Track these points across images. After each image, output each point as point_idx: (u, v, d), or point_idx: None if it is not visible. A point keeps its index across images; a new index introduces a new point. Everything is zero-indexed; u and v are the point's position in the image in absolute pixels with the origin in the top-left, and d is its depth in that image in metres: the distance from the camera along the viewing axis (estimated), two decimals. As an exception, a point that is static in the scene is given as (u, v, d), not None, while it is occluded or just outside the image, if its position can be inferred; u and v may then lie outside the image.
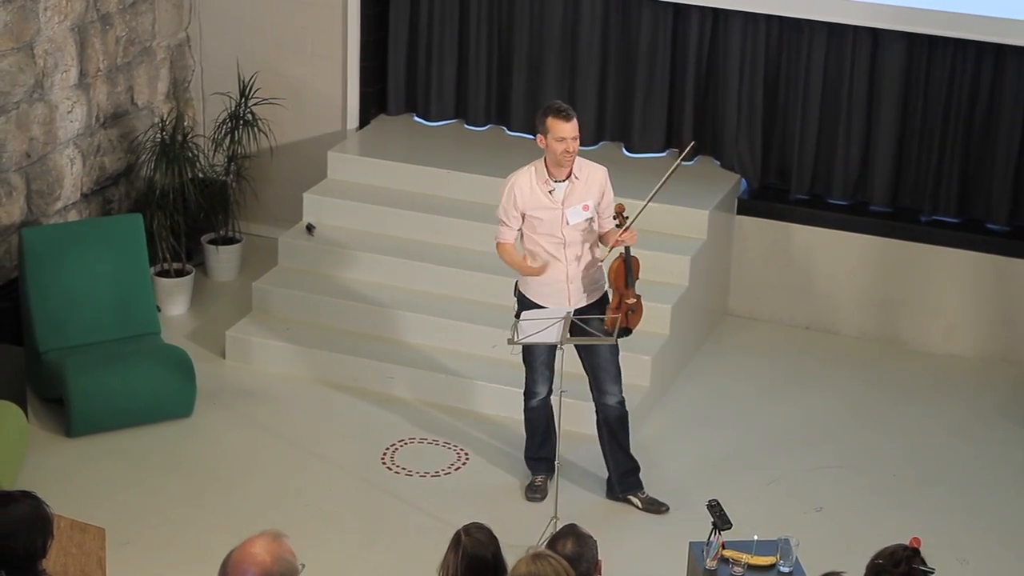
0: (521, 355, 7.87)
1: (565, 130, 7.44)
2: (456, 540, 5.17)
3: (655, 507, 7.98)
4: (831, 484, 8.29)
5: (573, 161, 7.53)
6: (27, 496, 4.82)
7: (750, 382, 9.28)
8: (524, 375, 7.93)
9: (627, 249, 7.63)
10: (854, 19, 9.40)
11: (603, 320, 7.51)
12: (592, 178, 7.64)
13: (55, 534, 4.86)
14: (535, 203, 7.58)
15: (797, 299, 9.87)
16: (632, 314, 7.66)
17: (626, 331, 7.71)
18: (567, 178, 7.58)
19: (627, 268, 7.64)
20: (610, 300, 7.72)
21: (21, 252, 8.71)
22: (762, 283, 9.91)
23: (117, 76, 9.88)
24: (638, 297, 7.71)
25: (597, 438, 8.02)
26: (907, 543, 5.25)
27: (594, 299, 7.71)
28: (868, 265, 9.70)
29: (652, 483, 8.18)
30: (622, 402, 7.90)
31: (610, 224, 7.69)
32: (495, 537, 5.19)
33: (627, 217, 7.56)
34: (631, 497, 8.01)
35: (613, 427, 7.93)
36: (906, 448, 8.67)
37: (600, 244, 7.70)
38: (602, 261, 7.74)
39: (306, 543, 7.51)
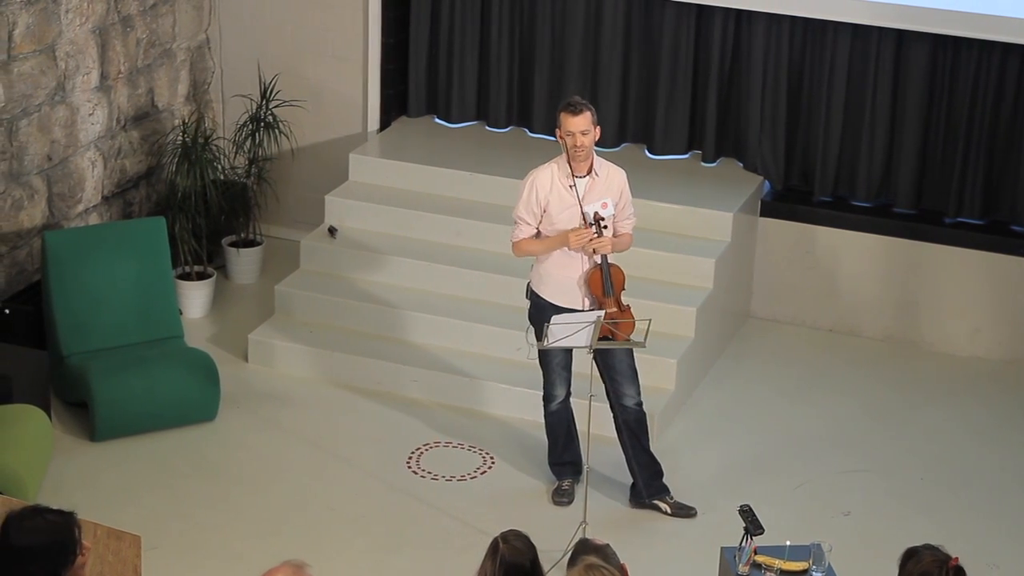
0: (537, 359, 7.84)
1: (571, 124, 7.44)
2: (494, 547, 5.13)
3: (684, 511, 7.95)
4: (858, 488, 8.26)
5: (586, 156, 7.51)
6: (51, 522, 4.57)
7: (774, 385, 9.25)
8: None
9: (604, 258, 7.56)
10: (878, 20, 9.36)
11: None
12: (612, 177, 7.64)
13: (91, 543, 4.79)
14: (556, 198, 7.57)
15: (820, 301, 9.83)
16: (616, 325, 7.49)
17: (607, 339, 7.50)
18: (588, 174, 7.56)
19: (603, 277, 7.56)
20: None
21: (44, 255, 8.69)
22: (785, 285, 9.88)
23: (138, 78, 9.86)
24: (624, 308, 7.58)
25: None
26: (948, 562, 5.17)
27: None
28: (892, 267, 9.66)
29: (678, 486, 8.15)
30: (640, 403, 7.86)
31: (624, 228, 7.66)
32: (533, 544, 5.17)
33: (604, 225, 7.48)
34: (658, 502, 7.98)
35: (633, 429, 7.89)
36: (932, 451, 8.63)
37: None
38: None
39: (332, 548, 7.55)
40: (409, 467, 8.30)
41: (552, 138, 10.22)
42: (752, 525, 6.44)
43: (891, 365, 9.52)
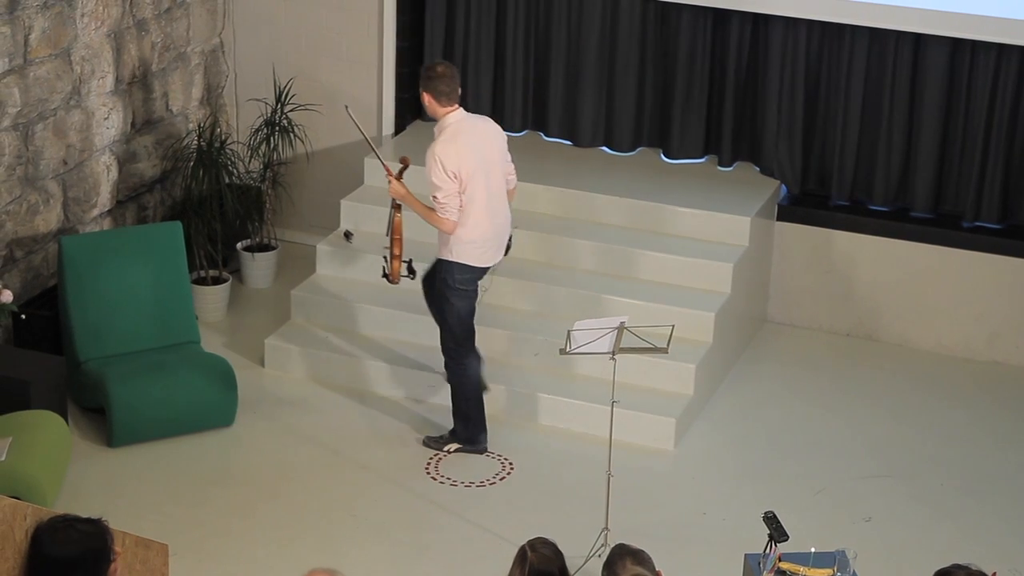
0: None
1: None
2: (522, 556, 5.10)
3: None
4: (878, 493, 8.23)
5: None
6: (86, 531, 4.59)
7: (792, 390, 9.22)
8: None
9: (392, 201, 8.30)
10: (896, 24, 9.33)
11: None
12: (430, 148, 8.00)
13: (120, 548, 4.78)
14: None
15: (838, 306, 9.80)
16: (388, 260, 8.36)
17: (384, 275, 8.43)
18: None
19: (388, 217, 8.33)
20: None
21: (60, 260, 8.66)
22: (802, 290, 9.85)
23: (152, 82, 9.83)
24: (395, 254, 8.30)
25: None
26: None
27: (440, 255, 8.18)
28: (909, 272, 9.63)
29: (698, 492, 8.17)
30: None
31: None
32: (560, 552, 5.14)
33: (400, 172, 8.20)
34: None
35: None
36: (952, 456, 8.60)
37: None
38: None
39: (352, 554, 7.53)
40: (428, 473, 8.28)
41: (568, 142, 10.28)
42: (777, 532, 6.41)
43: (909, 370, 9.49)
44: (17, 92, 8.73)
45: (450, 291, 8.10)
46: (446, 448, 8.42)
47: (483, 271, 8.14)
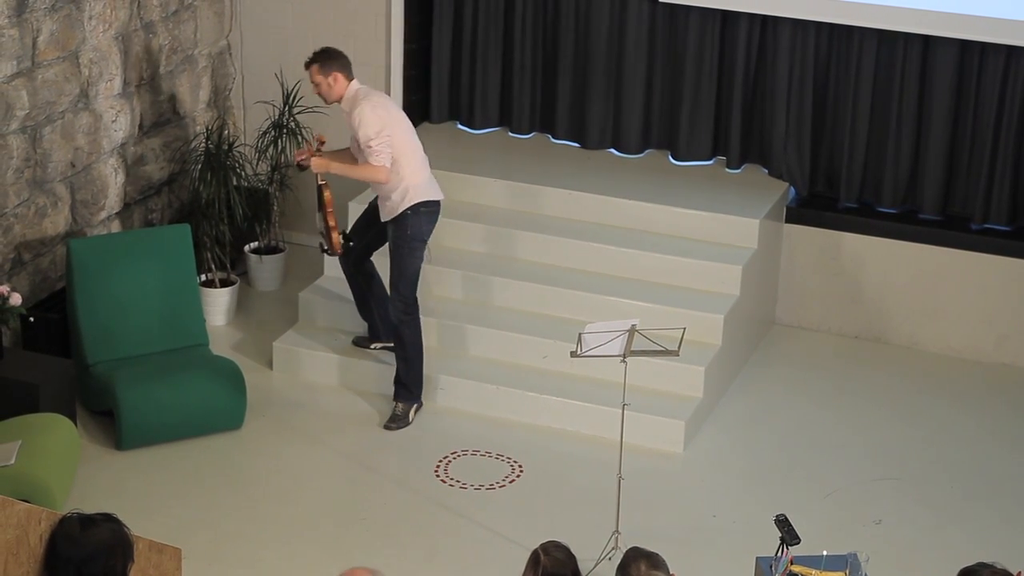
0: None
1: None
2: (535, 559, 5.10)
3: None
4: (888, 496, 8.21)
5: (327, 98, 8.56)
6: (108, 520, 4.79)
7: (801, 392, 9.21)
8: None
9: (316, 177, 8.66)
10: (905, 26, 9.32)
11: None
12: (353, 115, 8.40)
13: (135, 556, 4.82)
14: None
15: (846, 308, 9.79)
16: (326, 232, 8.70)
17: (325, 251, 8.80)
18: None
19: (317, 192, 8.67)
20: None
21: (69, 263, 8.65)
22: (810, 292, 9.84)
23: (160, 85, 9.83)
24: (332, 225, 8.63)
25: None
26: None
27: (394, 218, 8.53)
28: (918, 274, 9.62)
29: (708, 494, 8.15)
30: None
31: (366, 158, 8.39)
32: (573, 556, 5.14)
33: (318, 149, 8.63)
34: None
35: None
36: (961, 459, 8.59)
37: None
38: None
39: (361, 557, 7.51)
40: (437, 475, 8.27)
41: (576, 144, 10.27)
42: (788, 535, 6.39)
43: (917, 372, 9.47)
44: (25, 95, 8.72)
45: (414, 243, 8.50)
46: (410, 417, 8.68)
47: (436, 215, 8.59)
